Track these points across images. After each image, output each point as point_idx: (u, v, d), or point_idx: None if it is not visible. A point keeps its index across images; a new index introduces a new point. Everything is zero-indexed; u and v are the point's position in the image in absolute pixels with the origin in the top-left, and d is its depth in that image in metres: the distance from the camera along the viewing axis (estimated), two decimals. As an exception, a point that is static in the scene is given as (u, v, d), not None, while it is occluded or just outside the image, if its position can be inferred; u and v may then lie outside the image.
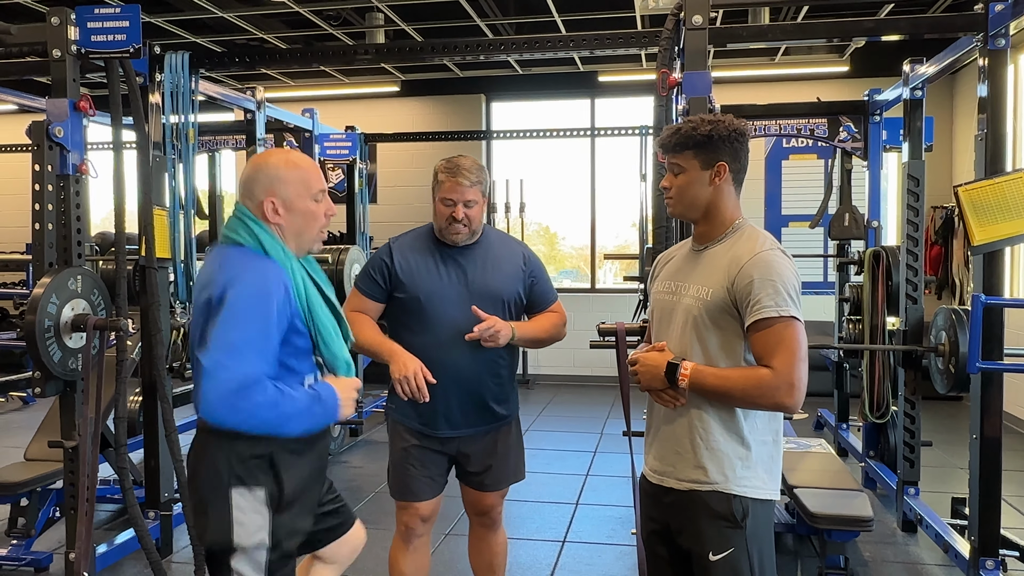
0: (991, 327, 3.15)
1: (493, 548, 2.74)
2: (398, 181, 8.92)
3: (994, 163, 3.14)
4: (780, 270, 1.80)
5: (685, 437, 1.89)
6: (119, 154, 3.44)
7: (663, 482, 1.94)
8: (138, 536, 3.20)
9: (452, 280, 2.49)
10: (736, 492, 1.84)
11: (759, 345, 1.78)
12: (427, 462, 2.54)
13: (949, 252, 7.32)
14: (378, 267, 2.54)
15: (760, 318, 1.77)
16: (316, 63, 5.32)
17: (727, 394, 1.80)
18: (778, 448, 1.92)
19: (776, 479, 1.91)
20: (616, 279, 9.11)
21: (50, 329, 2.97)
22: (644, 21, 6.68)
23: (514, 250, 2.63)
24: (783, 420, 1.92)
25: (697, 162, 1.90)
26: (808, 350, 1.79)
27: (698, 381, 1.80)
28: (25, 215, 3.54)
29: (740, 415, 1.85)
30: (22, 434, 5.65)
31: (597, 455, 5.62)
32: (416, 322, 2.48)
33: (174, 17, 6.63)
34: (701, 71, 2.66)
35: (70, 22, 3.19)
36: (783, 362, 1.74)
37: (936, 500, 4.13)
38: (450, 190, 2.43)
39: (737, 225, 1.94)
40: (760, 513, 1.86)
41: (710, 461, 1.86)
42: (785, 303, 1.76)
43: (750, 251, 1.84)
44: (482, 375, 2.50)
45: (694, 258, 1.98)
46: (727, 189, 1.92)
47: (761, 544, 1.86)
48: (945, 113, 7.77)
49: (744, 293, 1.80)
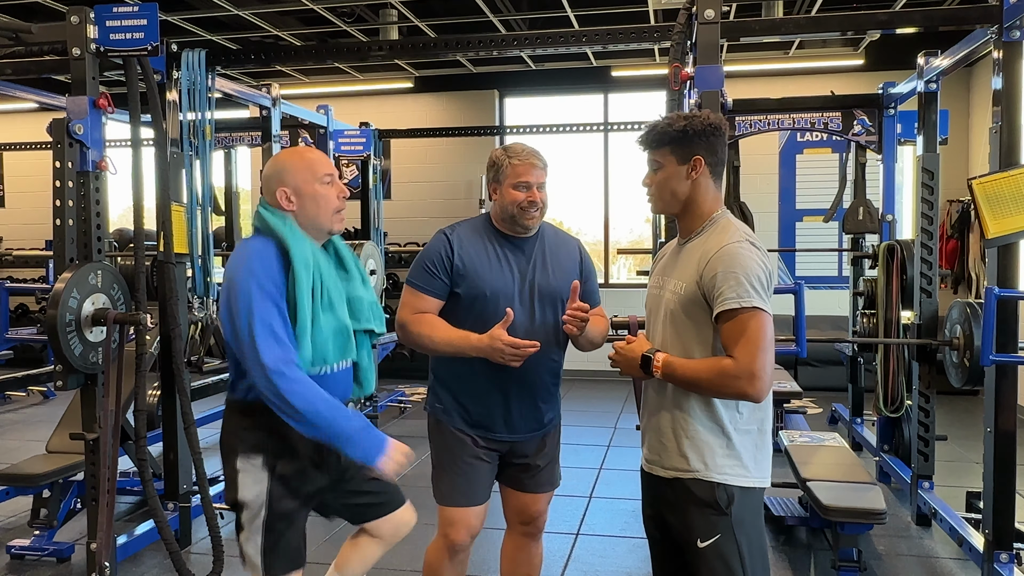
0: (1005, 320, 3.14)
1: (533, 560, 2.61)
2: (412, 177, 8.96)
3: (1009, 156, 3.13)
4: (744, 261, 1.82)
5: (668, 427, 1.95)
6: (137, 151, 3.48)
7: (653, 471, 2.00)
8: (157, 527, 3.25)
9: (515, 275, 2.37)
10: (717, 480, 1.88)
11: (724, 336, 1.82)
12: (479, 464, 2.41)
13: (965, 246, 7.28)
14: (438, 260, 2.36)
15: (724, 309, 1.80)
16: (331, 60, 5.35)
17: (695, 384, 1.85)
18: (764, 437, 1.95)
19: (763, 468, 1.94)
20: (630, 274, 9.11)
21: (71, 323, 3.02)
22: (657, 15, 6.68)
23: (571, 245, 2.53)
24: (769, 410, 1.96)
25: (674, 158, 1.94)
26: (775, 341, 1.84)
27: (669, 372, 1.87)
28: (44, 212, 3.59)
29: (719, 405, 1.89)
30: (43, 427, 5.74)
31: (611, 449, 5.64)
32: (477, 319, 2.31)
33: (191, 15, 6.69)
34: (714, 65, 2.66)
35: (89, 21, 3.23)
36: (744, 352, 1.77)
37: (950, 494, 4.12)
38: (525, 173, 2.33)
39: (714, 219, 1.97)
40: (746, 501, 1.90)
41: (691, 450, 1.90)
42: (748, 294, 1.79)
43: (718, 244, 1.87)
44: (543, 376, 2.42)
45: (677, 252, 2.03)
46: (704, 183, 1.95)
47: (749, 531, 1.90)
48: (961, 106, 7.71)
49: (711, 286, 1.84)
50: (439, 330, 2.32)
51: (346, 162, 7.26)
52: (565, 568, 3.61)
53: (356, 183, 7.11)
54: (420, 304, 2.37)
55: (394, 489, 2.35)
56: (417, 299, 2.37)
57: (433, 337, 2.31)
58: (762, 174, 7.96)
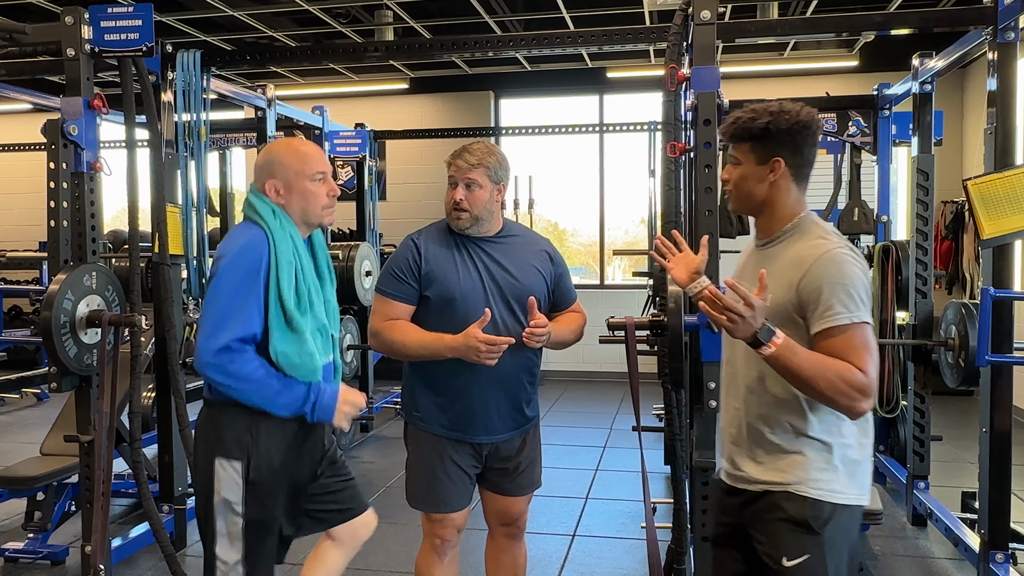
0: (1001, 320, 3.15)
1: (518, 560, 2.61)
2: (407, 178, 8.95)
3: (1003, 157, 3.13)
4: (848, 271, 1.69)
5: (761, 435, 1.81)
6: (132, 152, 3.47)
7: (736, 483, 1.88)
8: (153, 530, 3.24)
9: (483, 277, 2.35)
10: (813, 495, 1.75)
11: (833, 351, 1.67)
12: (459, 471, 2.39)
13: (959, 247, 7.29)
14: (406, 266, 2.36)
15: (834, 325, 1.67)
16: (326, 61, 5.35)
17: (811, 380, 1.65)
18: (864, 451, 1.81)
19: (861, 484, 1.80)
20: (625, 275, 9.11)
21: (66, 325, 3.01)
22: (652, 16, 6.68)
23: (539, 245, 2.52)
24: (871, 424, 1.82)
25: (753, 156, 1.81)
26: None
27: (786, 355, 1.65)
28: (38, 213, 3.57)
29: (825, 415, 1.75)
30: (37, 430, 5.71)
31: (607, 450, 5.64)
32: (448, 323, 2.29)
33: (185, 16, 6.67)
34: (710, 66, 2.66)
35: (84, 21, 3.22)
36: (867, 366, 1.64)
37: (946, 494, 4.13)
38: (452, 168, 2.36)
39: (796, 223, 1.83)
40: (841, 519, 1.76)
41: (785, 461, 1.77)
42: (857, 308, 1.67)
43: (814, 251, 1.73)
44: (520, 376, 2.40)
45: (755, 257, 1.91)
46: (784, 185, 1.81)
47: (840, 552, 1.76)
48: (955, 107, 7.73)
49: (811, 298, 1.70)
50: (411, 335, 2.32)
51: (341, 163, 7.24)
52: (561, 570, 3.61)
53: (351, 184, 7.09)
54: (391, 311, 2.36)
55: (360, 497, 2.36)
56: (388, 306, 2.37)
57: (406, 342, 2.31)
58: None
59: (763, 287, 1.66)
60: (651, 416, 5.75)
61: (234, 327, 1.96)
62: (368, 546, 2.77)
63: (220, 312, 1.98)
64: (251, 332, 1.99)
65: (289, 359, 2.02)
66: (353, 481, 2.35)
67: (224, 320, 1.97)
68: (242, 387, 1.99)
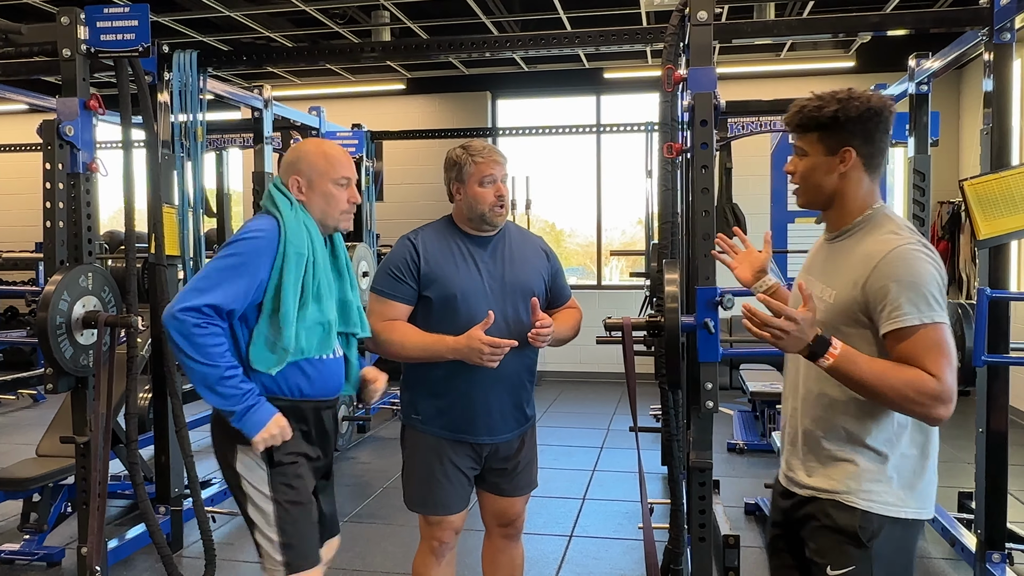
0: (997, 320, 3.15)
1: (515, 560, 2.60)
2: (404, 179, 8.94)
3: (1000, 157, 3.14)
4: (919, 268, 1.58)
5: (812, 439, 1.74)
6: (128, 152, 3.46)
7: (790, 487, 1.81)
8: (149, 531, 3.23)
9: (484, 275, 2.34)
10: (862, 506, 1.66)
11: (904, 354, 1.57)
12: (458, 473, 2.38)
13: (956, 247, 7.31)
14: (404, 265, 2.33)
15: (905, 326, 1.56)
16: (323, 61, 5.35)
17: (876, 388, 1.56)
18: (926, 462, 1.70)
19: (922, 498, 1.70)
20: (622, 276, 9.12)
21: (62, 326, 3.00)
22: (649, 17, 6.69)
23: (535, 243, 2.53)
24: (935, 433, 1.70)
25: (821, 146, 1.70)
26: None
27: (848, 365, 1.56)
28: (34, 214, 3.57)
29: (882, 421, 1.66)
30: (33, 431, 5.70)
31: (604, 451, 5.64)
32: (449, 323, 2.28)
33: (182, 16, 6.66)
34: (706, 67, 2.66)
35: (80, 22, 3.21)
36: (947, 373, 1.54)
37: (942, 494, 4.09)
38: (489, 167, 2.33)
39: (868, 215, 1.72)
40: (894, 534, 1.66)
41: (835, 468, 1.69)
42: (930, 308, 1.56)
43: (884, 246, 1.62)
44: (522, 375, 2.39)
45: (824, 251, 1.81)
46: (856, 176, 1.70)
47: (890, 569, 1.66)
48: (952, 108, 7.75)
49: (879, 296, 1.59)
50: (411, 336, 2.30)
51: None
52: (559, 570, 3.61)
53: (348, 185, 7.09)
54: (389, 312, 2.34)
55: (337, 522, 2.37)
56: (385, 307, 2.34)
57: (405, 343, 2.29)
58: (754, 175, 7.97)
59: (807, 299, 1.59)
60: (648, 416, 5.76)
61: (214, 295, 1.96)
62: (366, 547, 2.81)
63: (205, 279, 1.99)
64: (228, 307, 1.99)
65: (265, 341, 2.03)
66: (335, 507, 2.36)
67: (206, 287, 1.97)
68: (192, 355, 1.95)
